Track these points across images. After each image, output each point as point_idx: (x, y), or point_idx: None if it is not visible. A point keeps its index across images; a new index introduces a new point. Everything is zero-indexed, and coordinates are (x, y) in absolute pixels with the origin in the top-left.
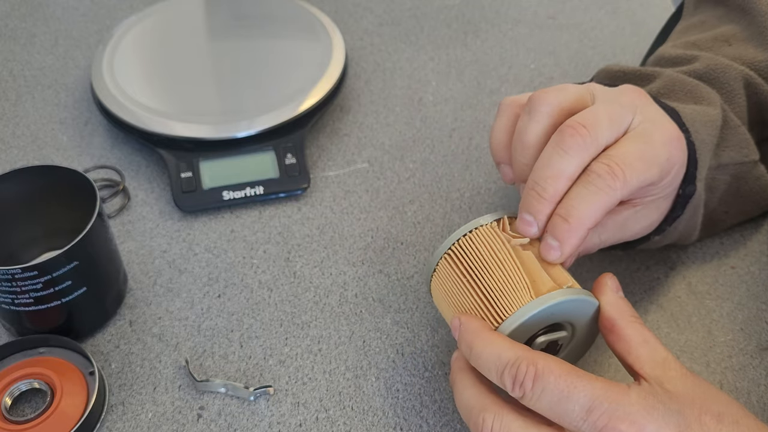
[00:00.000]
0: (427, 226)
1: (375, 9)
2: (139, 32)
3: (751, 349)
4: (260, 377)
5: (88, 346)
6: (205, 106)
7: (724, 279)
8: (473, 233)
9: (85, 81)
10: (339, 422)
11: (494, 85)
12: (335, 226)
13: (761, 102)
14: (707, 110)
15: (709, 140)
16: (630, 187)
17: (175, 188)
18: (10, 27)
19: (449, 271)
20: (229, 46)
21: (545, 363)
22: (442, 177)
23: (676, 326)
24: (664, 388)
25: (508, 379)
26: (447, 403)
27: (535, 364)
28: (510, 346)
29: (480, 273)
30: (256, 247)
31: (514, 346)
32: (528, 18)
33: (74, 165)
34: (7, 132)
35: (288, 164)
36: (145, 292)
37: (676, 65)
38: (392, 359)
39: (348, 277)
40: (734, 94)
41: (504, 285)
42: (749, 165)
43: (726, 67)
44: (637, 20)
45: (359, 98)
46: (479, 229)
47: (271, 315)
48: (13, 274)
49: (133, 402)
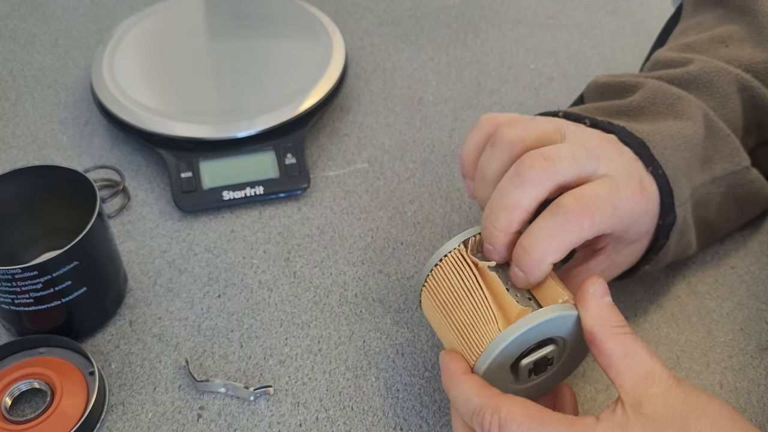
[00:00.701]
0: (427, 226)
1: (375, 9)
2: (139, 32)
3: (751, 349)
4: (260, 377)
5: (88, 346)
6: (205, 106)
7: (724, 279)
8: (442, 263)
9: (85, 81)
10: (339, 422)
11: (494, 85)
12: (335, 226)
13: (758, 105)
14: (684, 129)
15: (684, 163)
16: (596, 229)
17: (175, 188)
18: (10, 27)
19: (429, 305)
20: (229, 46)
21: (508, 411)
22: (442, 177)
23: (676, 326)
24: (640, 413)
25: (477, 426)
26: (447, 403)
27: (498, 412)
28: (476, 393)
29: (452, 307)
30: (256, 247)
31: (480, 391)
32: (528, 18)
33: (74, 165)
34: (7, 132)
35: (288, 164)
36: (145, 292)
37: (670, 68)
38: (392, 359)
39: (348, 277)
40: (728, 98)
41: (473, 318)
42: (743, 172)
43: (720, 70)
44: (637, 20)
45: (359, 98)
46: (447, 258)
47: (271, 315)
48: (13, 274)
49: (133, 402)
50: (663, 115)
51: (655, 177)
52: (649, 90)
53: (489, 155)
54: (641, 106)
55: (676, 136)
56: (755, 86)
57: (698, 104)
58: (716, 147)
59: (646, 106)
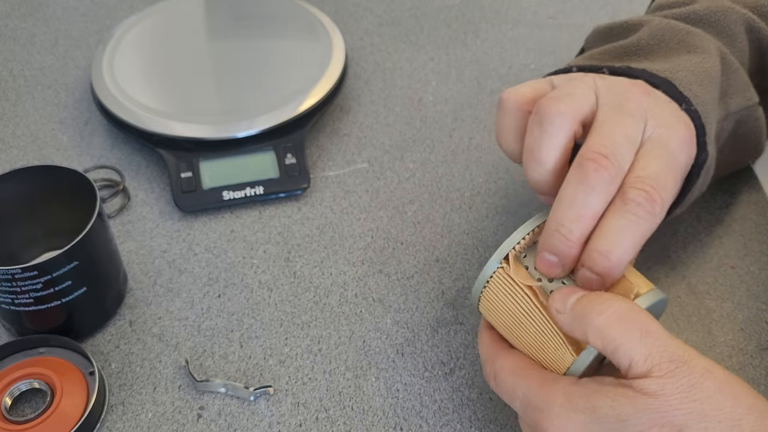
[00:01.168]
0: (427, 226)
1: (375, 9)
2: (139, 32)
3: (751, 349)
4: (260, 377)
5: (88, 346)
6: (205, 106)
7: (724, 279)
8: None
9: (85, 81)
10: (339, 422)
11: (494, 85)
12: (335, 226)
13: (763, 47)
14: (702, 63)
15: (710, 98)
16: (667, 205)
17: (175, 188)
18: (10, 27)
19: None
20: (229, 46)
21: (501, 363)
22: (442, 177)
23: (676, 326)
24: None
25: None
26: (447, 403)
27: (494, 363)
28: (487, 345)
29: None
30: (256, 247)
31: (490, 344)
32: (528, 18)
33: (74, 165)
34: (7, 132)
35: (288, 164)
36: (145, 292)
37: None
38: (392, 359)
39: (348, 277)
40: (735, 38)
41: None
42: (752, 108)
43: (727, 9)
44: None
45: (359, 98)
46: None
47: (271, 315)
48: (13, 274)
49: (133, 402)
50: (675, 51)
51: (688, 113)
52: (656, 27)
53: (539, 136)
54: (650, 44)
55: (697, 71)
56: (762, 27)
57: (709, 38)
58: (730, 81)
59: (655, 43)
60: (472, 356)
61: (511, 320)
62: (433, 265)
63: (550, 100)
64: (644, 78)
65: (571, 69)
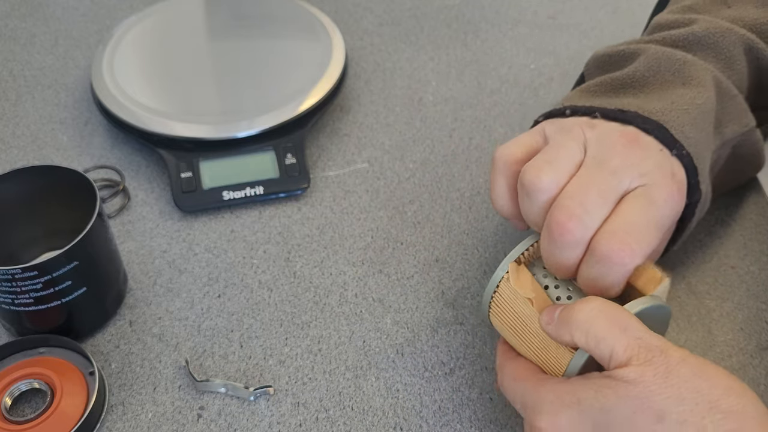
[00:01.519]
0: (427, 226)
1: (375, 9)
2: (139, 32)
3: (751, 349)
4: (260, 377)
5: (88, 346)
6: (205, 106)
7: (724, 279)
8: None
9: (85, 81)
10: (339, 422)
11: (494, 85)
12: (335, 226)
13: (762, 67)
14: (696, 98)
15: (704, 135)
16: (641, 255)
17: (175, 188)
18: (10, 27)
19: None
20: (229, 46)
21: (508, 371)
22: (442, 177)
23: (676, 326)
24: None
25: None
26: (447, 403)
27: (502, 371)
28: (500, 354)
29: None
30: (256, 247)
31: (501, 354)
32: (528, 18)
33: (74, 165)
34: (7, 132)
35: (288, 164)
36: (145, 292)
37: (673, 30)
38: (392, 359)
39: (348, 277)
40: (734, 60)
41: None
42: (749, 132)
43: (726, 31)
44: (637, 20)
45: (359, 98)
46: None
47: (271, 315)
48: (13, 274)
49: (133, 402)
50: (670, 83)
51: (680, 159)
52: (652, 56)
53: (528, 205)
54: (645, 76)
55: (690, 108)
56: (761, 47)
57: (706, 67)
58: (726, 110)
59: (650, 75)
60: (472, 356)
61: (515, 328)
62: (433, 265)
63: (535, 171)
64: (636, 124)
65: (564, 111)
